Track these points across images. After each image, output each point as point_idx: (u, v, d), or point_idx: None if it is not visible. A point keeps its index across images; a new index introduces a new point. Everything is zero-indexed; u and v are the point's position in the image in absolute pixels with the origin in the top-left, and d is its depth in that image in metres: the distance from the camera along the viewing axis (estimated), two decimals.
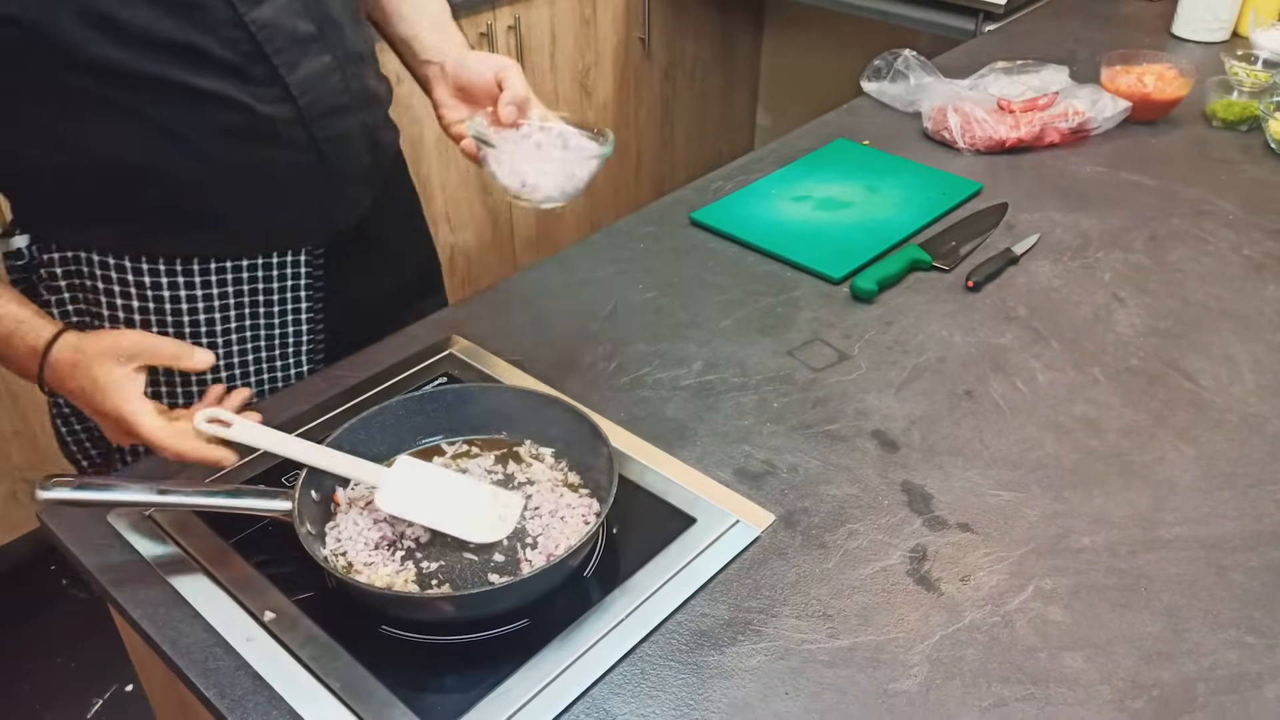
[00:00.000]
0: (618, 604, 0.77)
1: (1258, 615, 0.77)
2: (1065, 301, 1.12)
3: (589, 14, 2.46)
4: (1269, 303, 1.12)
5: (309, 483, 0.81)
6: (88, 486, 0.78)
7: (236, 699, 0.70)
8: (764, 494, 0.87)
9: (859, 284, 1.12)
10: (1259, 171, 1.38)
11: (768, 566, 0.81)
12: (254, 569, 0.79)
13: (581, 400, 0.95)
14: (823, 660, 0.73)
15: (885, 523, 0.85)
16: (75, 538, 0.83)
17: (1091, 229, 1.26)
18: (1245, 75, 1.52)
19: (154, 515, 0.85)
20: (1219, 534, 0.84)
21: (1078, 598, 0.78)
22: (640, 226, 1.27)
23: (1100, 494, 0.88)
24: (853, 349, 1.05)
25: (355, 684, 0.70)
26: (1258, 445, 0.93)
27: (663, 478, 0.88)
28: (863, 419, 0.96)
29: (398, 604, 0.76)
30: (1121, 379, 1.01)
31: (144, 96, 0.87)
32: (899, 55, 1.57)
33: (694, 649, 0.74)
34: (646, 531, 0.83)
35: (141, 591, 0.78)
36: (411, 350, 1.05)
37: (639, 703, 0.70)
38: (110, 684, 1.80)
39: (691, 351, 1.05)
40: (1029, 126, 1.42)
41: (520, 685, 0.71)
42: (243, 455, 0.87)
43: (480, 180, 2.39)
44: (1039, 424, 0.95)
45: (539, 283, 1.16)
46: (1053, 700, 0.70)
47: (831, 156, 1.42)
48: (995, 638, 0.75)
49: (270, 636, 0.74)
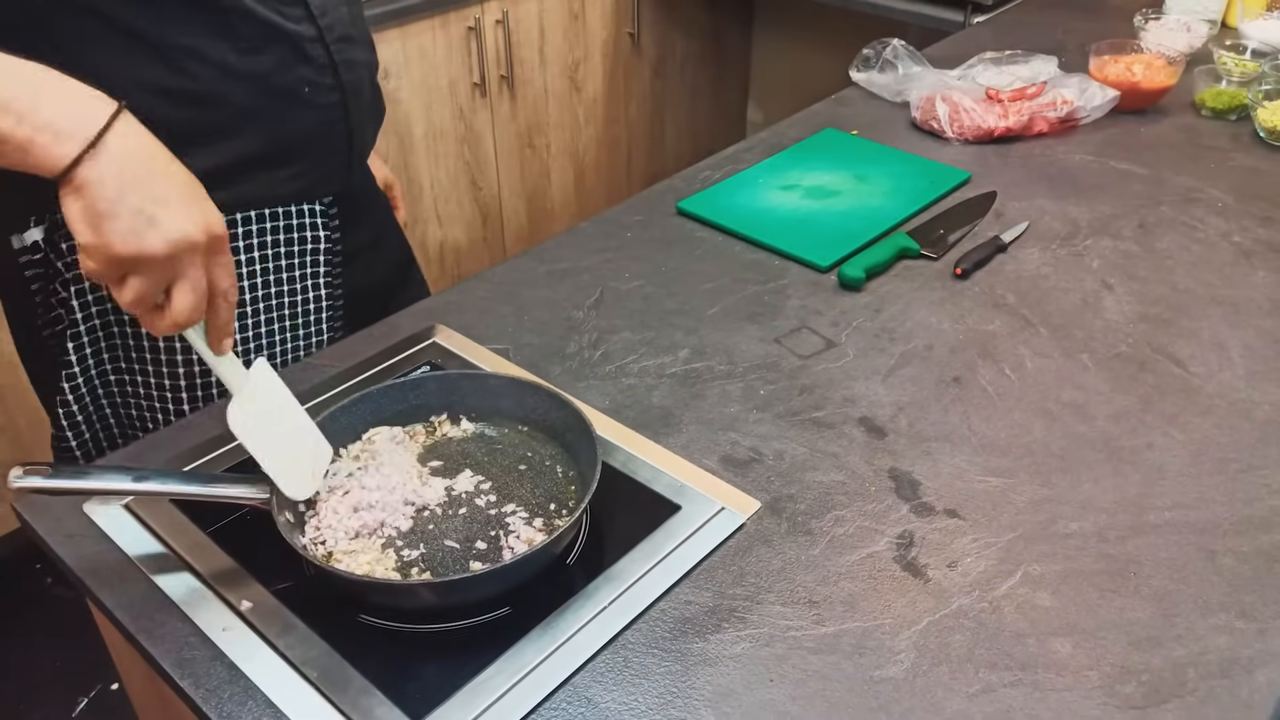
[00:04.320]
0: (600, 591, 0.76)
1: (1248, 600, 0.76)
2: (1054, 289, 1.12)
3: (578, 8, 2.45)
4: (1258, 289, 1.11)
5: None
6: (62, 474, 0.76)
7: (211, 689, 0.69)
8: (750, 481, 0.86)
9: (847, 272, 1.12)
10: (1248, 160, 1.38)
11: (753, 554, 0.80)
12: (231, 558, 0.78)
13: (566, 388, 0.94)
14: (808, 647, 0.72)
15: (872, 509, 0.84)
16: (49, 527, 0.82)
17: (1080, 217, 1.25)
18: (1234, 64, 1.51)
19: (130, 504, 0.83)
20: (1208, 519, 0.83)
21: (1066, 583, 0.77)
22: (628, 216, 1.26)
23: (1089, 480, 0.87)
24: (840, 336, 1.04)
25: (332, 673, 0.69)
26: (1247, 431, 0.92)
27: (648, 465, 0.87)
28: (850, 406, 0.95)
29: (378, 591, 0.75)
30: (1110, 365, 1.00)
31: (170, 16, 0.87)
32: (888, 45, 1.56)
33: (678, 636, 0.73)
34: (631, 519, 0.82)
35: (116, 582, 0.77)
36: (394, 339, 1.03)
37: (622, 691, 0.69)
38: (96, 682, 1.78)
39: (678, 339, 1.04)
40: (1017, 116, 1.41)
41: (501, 674, 0.69)
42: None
43: (469, 175, 2.38)
44: (1027, 410, 0.94)
45: (524, 271, 1.15)
46: (1041, 686, 0.70)
47: (820, 146, 1.41)
48: (983, 623, 0.74)
49: (247, 626, 0.73)
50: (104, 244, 0.63)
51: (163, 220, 0.64)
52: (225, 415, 0.73)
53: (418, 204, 2.29)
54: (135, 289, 0.66)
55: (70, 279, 0.96)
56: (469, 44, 2.21)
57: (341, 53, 1.00)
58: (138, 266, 0.65)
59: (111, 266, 0.65)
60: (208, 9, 0.89)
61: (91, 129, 0.63)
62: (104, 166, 0.63)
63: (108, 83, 0.85)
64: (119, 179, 0.63)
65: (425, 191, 2.29)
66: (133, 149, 0.65)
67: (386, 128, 2.13)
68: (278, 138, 0.98)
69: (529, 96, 2.43)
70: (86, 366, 1.00)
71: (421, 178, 2.27)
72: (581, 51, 2.52)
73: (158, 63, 0.89)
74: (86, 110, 0.64)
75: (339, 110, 1.01)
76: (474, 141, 2.35)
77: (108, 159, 0.63)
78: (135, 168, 0.64)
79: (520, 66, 2.37)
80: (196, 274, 0.67)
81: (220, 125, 0.94)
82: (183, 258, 0.66)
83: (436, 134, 2.25)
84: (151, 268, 0.65)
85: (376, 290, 1.17)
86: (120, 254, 0.64)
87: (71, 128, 0.63)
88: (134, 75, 0.88)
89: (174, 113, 0.90)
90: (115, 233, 0.63)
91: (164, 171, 0.66)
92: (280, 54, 0.95)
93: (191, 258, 0.66)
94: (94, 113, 0.64)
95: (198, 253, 0.66)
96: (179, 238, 0.65)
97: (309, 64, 0.97)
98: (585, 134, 2.65)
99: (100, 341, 1.00)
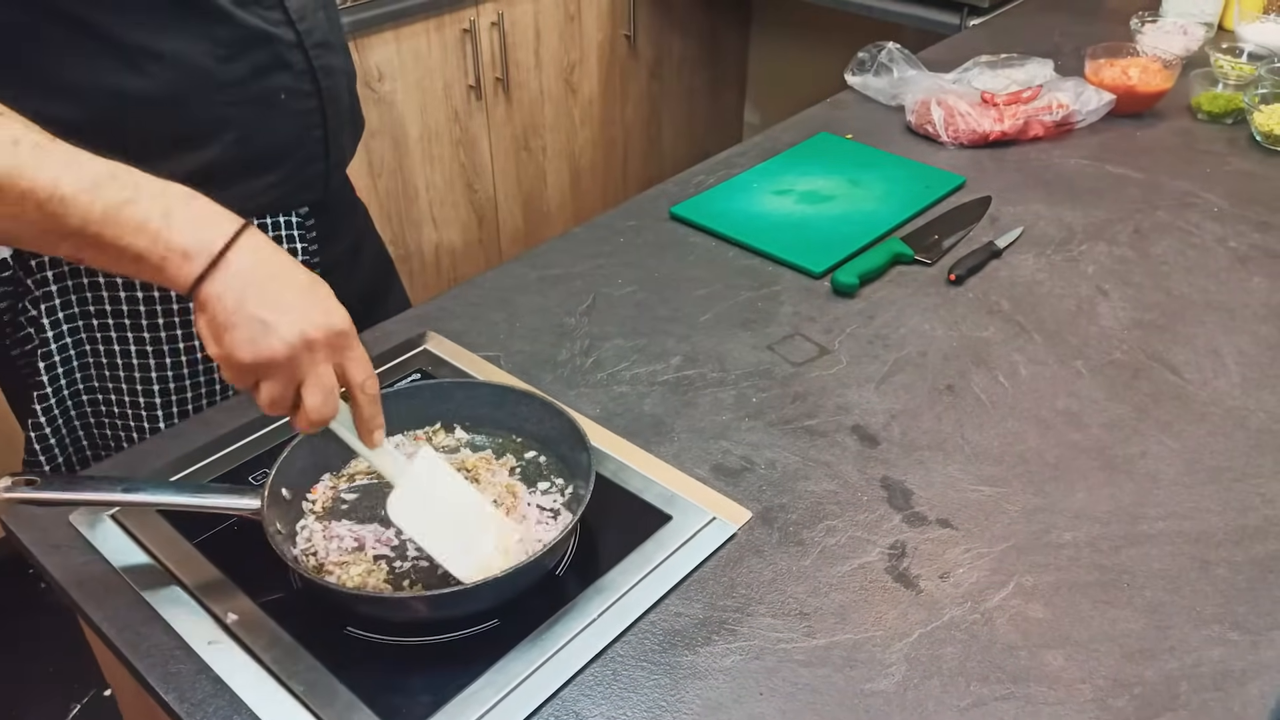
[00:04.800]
0: (590, 603, 0.75)
1: (1241, 611, 0.75)
2: (1048, 295, 1.11)
3: (573, 10, 2.44)
4: (1254, 295, 1.10)
5: (279, 480, 0.79)
6: (49, 485, 0.75)
7: (196, 703, 0.68)
8: (741, 490, 0.86)
9: (840, 278, 1.11)
10: (1244, 164, 1.37)
11: (744, 564, 0.79)
12: (218, 570, 0.78)
13: (558, 396, 0.94)
14: (799, 660, 0.72)
15: (864, 519, 0.83)
16: (35, 538, 0.81)
17: (1075, 222, 1.24)
18: (1230, 68, 1.51)
19: (117, 515, 0.83)
20: (1203, 529, 0.82)
21: (1059, 594, 0.77)
22: (621, 221, 1.26)
23: (1082, 489, 0.86)
24: (833, 343, 1.04)
25: (319, 687, 0.69)
26: (1242, 439, 0.91)
27: (639, 474, 0.87)
28: (843, 414, 0.94)
29: (370, 604, 0.74)
30: (1105, 372, 1.00)
31: (141, 19, 0.86)
32: (883, 48, 1.55)
33: (667, 649, 0.73)
34: (621, 529, 0.81)
35: (103, 593, 0.76)
36: (385, 347, 1.03)
37: (610, 705, 0.69)
38: (89, 688, 1.77)
39: (670, 346, 1.03)
40: (1013, 120, 1.41)
41: (489, 687, 0.69)
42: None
43: (465, 178, 2.37)
44: (1021, 418, 0.94)
45: (516, 277, 1.15)
46: (1033, 699, 0.69)
47: (814, 150, 1.41)
48: (975, 636, 0.74)
49: (233, 639, 0.72)
50: (227, 354, 0.66)
51: (278, 325, 0.66)
52: (199, 417, 0.73)
53: (413, 207, 2.28)
54: (268, 393, 0.67)
55: (40, 297, 0.94)
56: (464, 46, 2.20)
57: (320, 58, 0.99)
58: (263, 371, 0.67)
59: (241, 374, 0.67)
60: (184, 12, 0.88)
61: (215, 247, 0.65)
62: (226, 282, 0.65)
63: (69, 89, 0.85)
64: (239, 291, 0.65)
65: (421, 194, 2.28)
66: (253, 262, 0.67)
67: (382, 130, 2.13)
68: (253, 145, 0.97)
69: (524, 99, 2.43)
70: (59, 386, 0.98)
71: (417, 180, 2.26)
72: (577, 54, 2.52)
73: (124, 68, 0.87)
74: (212, 229, 0.66)
75: (316, 117, 1.01)
76: (469, 144, 2.34)
77: (229, 274, 0.65)
78: (255, 279, 0.66)
79: (516, 69, 2.37)
80: (321, 371, 0.68)
81: (190, 133, 0.93)
82: (302, 357, 0.67)
83: (432, 136, 2.24)
84: (276, 371, 0.66)
85: (357, 301, 1.16)
86: (243, 361, 0.66)
87: (198, 247, 0.65)
88: (98, 81, 0.87)
89: (141, 119, 0.89)
90: (236, 343, 0.65)
91: (282, 278, 0.68)
92: (257, 59, 0.94)
93: (311, 356, 0.67)
94: (218, 232, 0.66)
95: (318, 350, 0.67)
96: (295, 339, 0.66)
97: (287, 70, 0.96)
98: (581, 136, 2.64)
99: (73, 360, 0.99)
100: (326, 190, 1.06)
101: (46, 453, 1.00)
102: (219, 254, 0.65)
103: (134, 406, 1.01)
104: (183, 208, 0.66)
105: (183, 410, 1.02)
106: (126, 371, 0.99)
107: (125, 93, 0.88)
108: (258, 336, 0.65)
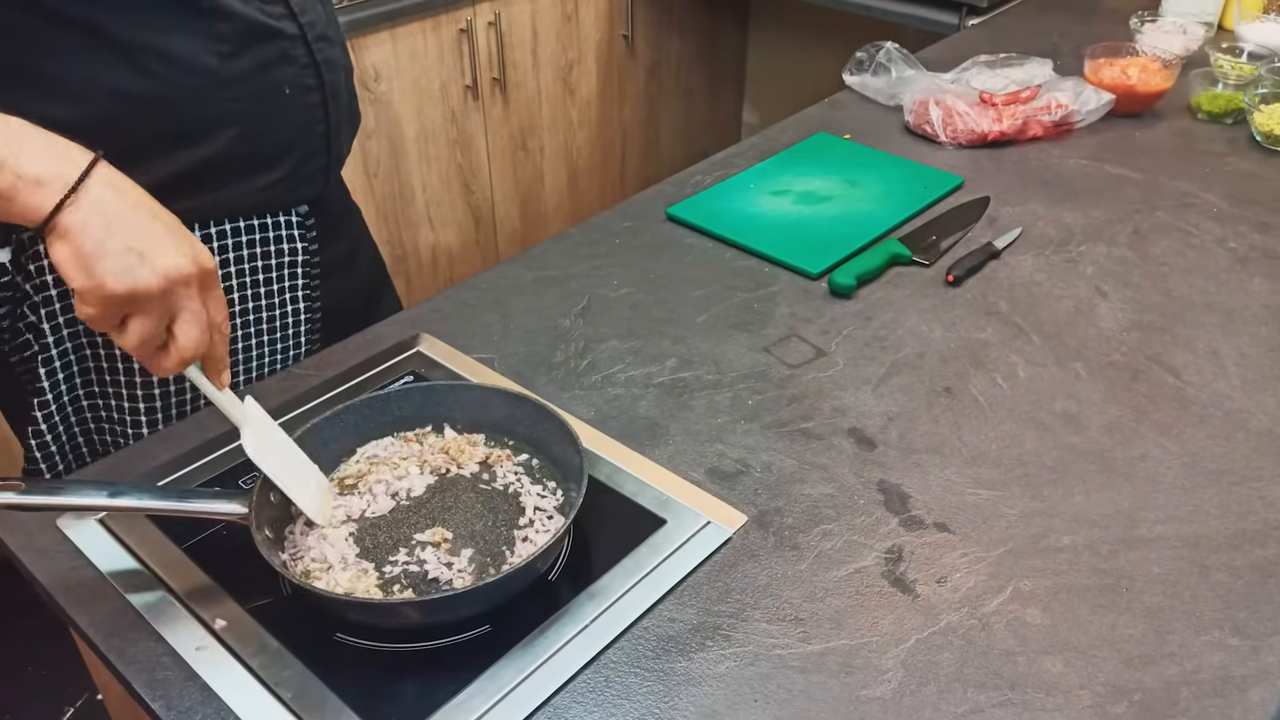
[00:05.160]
0: (583, 609, 0.74)
1: (1242, 616, 0.74)
2: (1047, 296, 1.10)
3: (570, 10, 2.43)
4: (1254, 296, 1.10)
5: (267, 485, 0.78)
6: (35, 490, 0.74)
7: (183, 710, 0.67)
8: (737, 494, 0.85)
9: (837, 279, 1.10)
10: (1244, 164, 1.36)
11: (739, 569, 0.78)
12: (206, 575, 0.77)
13: (552, 398, 0.93)
14: (794, 666, 0.71)
15: (860, 523, 0.82)
16: (21, 543, 0.80)
17: (1074, 222, 1.23)
18: (1230, 68, 1.50)
19: (104, 519, 0.82)
20: (1202, 532, 0.81)
21: (1057, 599, 0.76)
22: (617, 221, 1.25)
23: (1081, 492, 0.85)
24: (830, 345, 1.03)
25: (308, 694, 0.68)
26: (1242, 441, 0.91)
27: (633, 478, 0.86)
28: (839, 416, 0.93)
29: (359, 610, 0.73)
30: (1104, 374, 0.99)
31: (142, 17, 0.85)
32: (881, 48, 1.55)
33: (661, 655, 0.72)
34: (615, 533, 0.80)
35: (90, 599, 0.76)
36: (377, 349, 1.02)
37: (603, 711, 0.68)
38: (82, 692, 1.77)
39: (666, 348, 1.02)
40: (1011, 120, 1.40)
41: (479, 694, 0.68)
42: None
43: (462, 179, 2.36)
44: (1019, 421, 0.93)
45: (511, 278, 1.14)
46: (1030, 706, 0.68)
47: (812, 150, 1.40)
48: (972, 641, 0.73)
49: (221, 645, 0.71)
50: (98, 284, 0.64)
51: (153, 255, 0.65)
52: (187, 421, 0.72)
53: (410, 208, 2.27)
54: (137, 330, 0.66)
55: (40, 302, 0.93)
56: (461, 46, 2.19)
57: (322, 52, 0.99)
58: (135, 304, 0.65)
59: (109, 308, 0.65)
60: (186, 9, 0.87)
61: (71, 175, 0.65)
62: (86, 211, 0.64)
63: (69, 89, 0.84)
64: (103, 221, 0.64)
65: (417, 195, 2.27)
66: (113, 194, 0.66)
67: (378, 131, 2.12)
68: (256, 142, 0.96)
69: (522, 99, 2.42)
70: (59, 392, 0.97)
71: (413, 181, 2.25)
72: (575, 54, 2.51)
73: (125, 67, 0.86)
74: (65, 159, 0.65)
75: (319, 111, 1.00)
76: (466, 144, 2.33)
77: (89, 203, 0.65)
78: (118, 210, 0.66)
79: (513, 69, 2.36)
80: (195, 306, 0.68)
81: (193, 131, 0.92)
82: (178, 290, 0.66)
83: (428, 137, 2.23)
84: (149, 304, 0.66)
85: (352, 303, 1.16)
86: (115, 292, 0.64)
87: (50, 175, 0.64)
88: (98, 81, 0.86)
89: (143, 119, 0.89)
90: (108, 272, 0.64)
91: (147, 211, 0.67)
92: (261, 54, 0.93)
93: (187, 290, 0.67)
94: (70, 161, 0.65)
95: (193, 284, 0.67)
96: (172, 270, 0.65)
97: (291, 64, 0.96)
98: (579, 137, 2.63)
99: (73, 365, 0.97)
100: (326, 186, 1.06)
101: (48, 460, 0.99)
102: (77, 182, 0.64)
103: (134, 412, 1.00)
104: (32, 139, 0.65)
105: (181, 413, 1.02)
106: (127, 376, 0.98)
107: (126, 92, 0.87)
108: (133, 266, 0.64)
